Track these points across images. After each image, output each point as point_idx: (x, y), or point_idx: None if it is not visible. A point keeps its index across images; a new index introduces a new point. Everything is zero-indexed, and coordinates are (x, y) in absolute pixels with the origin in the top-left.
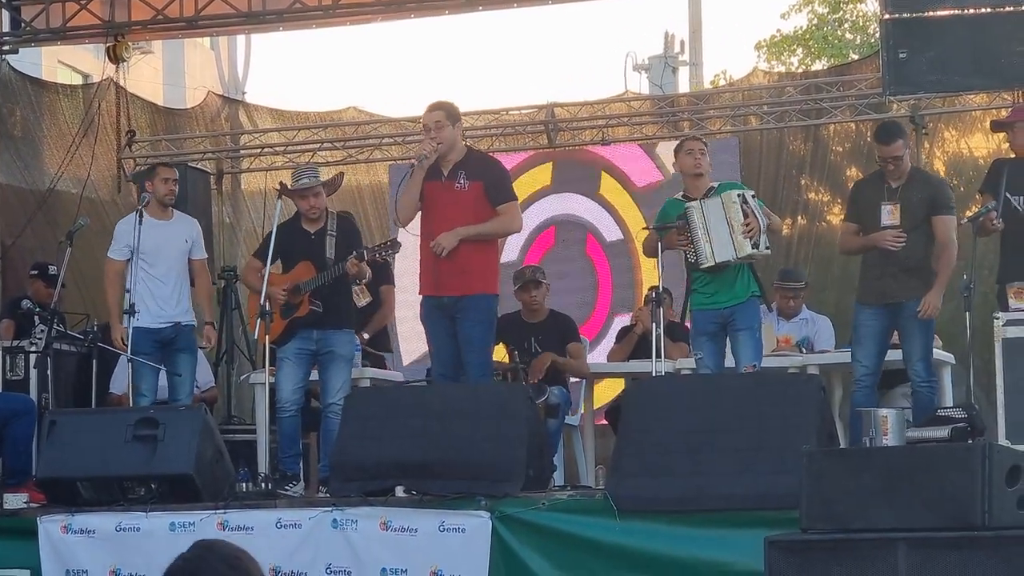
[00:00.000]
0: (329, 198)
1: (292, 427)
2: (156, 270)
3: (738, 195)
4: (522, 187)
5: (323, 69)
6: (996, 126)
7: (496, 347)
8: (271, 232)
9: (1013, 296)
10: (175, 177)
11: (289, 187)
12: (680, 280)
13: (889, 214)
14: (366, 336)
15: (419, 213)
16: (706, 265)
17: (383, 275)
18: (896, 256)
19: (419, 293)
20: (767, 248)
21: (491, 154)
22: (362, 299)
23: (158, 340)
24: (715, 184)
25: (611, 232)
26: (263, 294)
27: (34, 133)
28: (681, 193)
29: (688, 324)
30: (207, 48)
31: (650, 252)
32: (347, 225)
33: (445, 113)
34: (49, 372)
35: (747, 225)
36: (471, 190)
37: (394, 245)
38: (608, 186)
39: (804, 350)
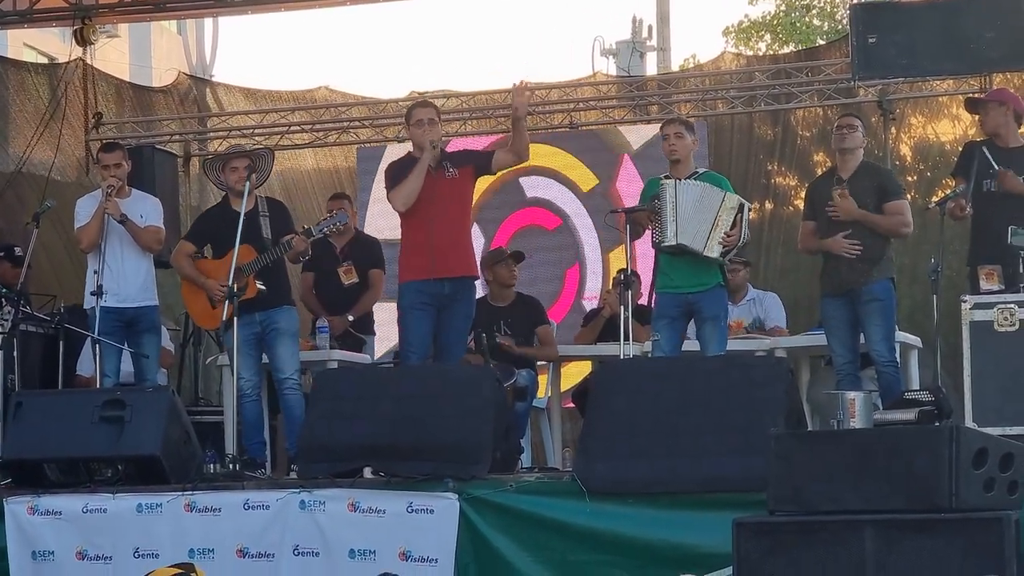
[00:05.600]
0: (264, 184)
1: (255, 412)
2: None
3: (739, 203)
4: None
5: (292, 51)
6: (970, 103)
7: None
8: (202, 214)
9: (984, 277)
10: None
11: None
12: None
13: (840, 196)
14: (350, 318)
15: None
16: (666, 244)
17: (374, 258)
18: None
19: (409, 278)
20: (728, 261)
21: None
22: (348, 279)
23: (122, 321)
24: (700, 170)
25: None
26: (230, 275)
27: (6, 111)
28: (664, 175)
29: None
30: (174, 32)
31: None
32: (279, 206)
33: (435, 111)
34: (15, 353)
35: (729, 236)
36: (462, 176)
37: (339, 217)
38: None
39: (751, 331)
